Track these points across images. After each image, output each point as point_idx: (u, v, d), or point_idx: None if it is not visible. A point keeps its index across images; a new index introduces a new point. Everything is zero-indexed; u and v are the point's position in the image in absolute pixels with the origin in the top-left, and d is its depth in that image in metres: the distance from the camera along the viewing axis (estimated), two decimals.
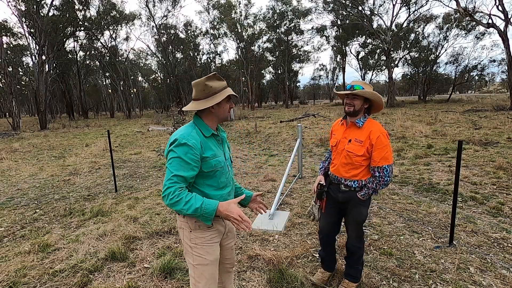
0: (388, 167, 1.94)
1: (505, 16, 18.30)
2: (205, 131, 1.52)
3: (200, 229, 1.52)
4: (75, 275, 2.62)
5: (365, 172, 2.03)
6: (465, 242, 2.96)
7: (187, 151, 1.40)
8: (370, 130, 1.96)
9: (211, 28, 42.68)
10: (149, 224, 3.66)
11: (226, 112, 1.57)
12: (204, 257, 1.52)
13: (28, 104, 69.36)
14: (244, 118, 23.12)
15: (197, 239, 1.52)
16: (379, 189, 2.00)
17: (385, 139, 1.94)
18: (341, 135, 2.11)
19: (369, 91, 1.94)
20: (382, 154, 1.93)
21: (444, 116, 15.07)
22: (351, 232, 2.20)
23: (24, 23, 23.49)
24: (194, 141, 1.44)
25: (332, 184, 2.19)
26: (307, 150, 8.58)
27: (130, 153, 9.30)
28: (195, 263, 1.52)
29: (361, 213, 2.09)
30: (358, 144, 1.98)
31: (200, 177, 1.50)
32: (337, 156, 2.11)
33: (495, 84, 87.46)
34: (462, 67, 37.84)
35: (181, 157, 1.39)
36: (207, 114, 1.56)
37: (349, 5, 30.31)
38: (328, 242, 2.34)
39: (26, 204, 4.73)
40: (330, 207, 2.23)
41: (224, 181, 1.58)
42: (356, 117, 2.03)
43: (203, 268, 1.52)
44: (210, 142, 1.54)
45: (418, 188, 4.71)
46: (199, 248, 1.52)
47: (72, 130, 19.85)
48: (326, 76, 66.81)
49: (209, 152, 1.50)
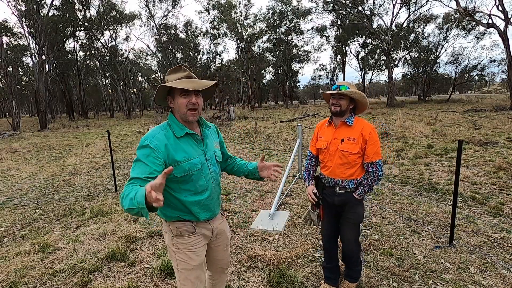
0: (380, 161, 1.99)
1: (505, 16, 18.30)
2: (177, 131, 1.38)
3: (182, 235, 1.44)
4: (75, 275, 2.62)
5: (360, 170, 2.05)
6: (465, 242, 2.95)
7: (148, 154, 1.27)
8: (362, 127, 2.00)
9: (211, 28, 42.71)
10: (149, 224, 3.66)
11: (182, 108, 1.35)
12: (188, 262, 1.45)
13: (28, 104, 69.36)
14: (244, 118, 23.12)
15: (180, 244, 1.45)
16: (374, 185, 2.03)
17: (376, 135, 2.00)
18: (331, 136, 2.09)
19: (357, 91, 1.97)
20: (374, 149, 1.97)
21: (444, 116, 15.07)
22: (350, 236, 2.16)
23: (24, 23, 23.50)
24: (158, 142, 1.31)
25: (326, 188, 2.17)
26: (307, 150, 8.57)
27: (130, 153, 9.31)
28: (179, 267, 1.46)
29: (359, 213, 2.10)
30: (352, 142, 1.99)
31: (174, 182, 1.37)
32: (331, 158, 2.08)
33: (495, 84, 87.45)
34: (462, 67, 37.86)
35: (141, 160, 1.26)
36: (173, 112, 1.42)
37: (349, 5, 30.31)
38: (332, 247, 2.29)
39: (26, 204, 4.73)
40: (328, 212, 2.22)
41: (203, 185, 1.43)
42: (344, 117, 2.05)
43: (187, 273, 1.45)
44: (183, 143, 1.39)
45: (418, 188, 4.71)
46: (181, 253, 1.45)
47: (72, 130, 19.85)
48: (326, 76, 66.77)
49: (181, 155, 1.35)
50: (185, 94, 1.35)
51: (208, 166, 1.47)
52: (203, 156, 1.45)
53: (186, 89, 1.31)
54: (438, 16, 34.70)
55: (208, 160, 1.47)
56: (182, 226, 1.44)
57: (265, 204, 4.31)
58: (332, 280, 2.31)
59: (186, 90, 1.33)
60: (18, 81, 43.52)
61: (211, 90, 1.49)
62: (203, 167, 1.43)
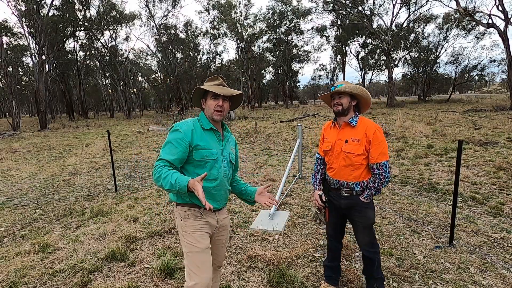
0: (386, 162, 1.91)
1: (505, 16, 18.30)
2: (205, 124, 1.65)
3: (189, 218, 1.61)
4: (75, 275, 2.62)
5: (366, 172, 1.99)
6: (465, 242, 2.95)
7: (176, 136, 1.55)
8: (365, 127, 1.93)
9: (211, 28, 42.70)
10: (149, 224, 3.66)
11: (211, 109, 1.63)
12: (195, 245, 1.57)
13: (28, 104, 69.37)
14: (244, 118, 23.12)
15: (187, 227, 1.60)
16: (381, 187, 1.95)
17: (381, 135, 1.92)
18: (335, 137, 2.05)
19: (353, 86, 1.93)
20: (380, 150, 1.90)
21: (444, 116, 15.06)
22: (363, 238, 2.09)
23: (24, 23, 23.50)
24: (186, 128, 1.58)
25: (332, 191, 2.12)
26: (307, 150, 8.58)
27: (130, 153, 9.31)
28: (186, 250, 1.59)
29: (368, 216, 2.02)
30: (355, 143, 1.93)
31: (191, 165, 1.60)
32: (335, 160, 2.04)
33: (495, 84, 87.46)
34: (462, 67, 37.86)
35: (171, 141, 1.54)
36: (204, 111, 1.71)
37: (349, 5, 30.32)
38: (336, 247, 2.27)
39: (26, 204, 4.73)
40: (334, 214, 2.17)
41: (214, 174, 1.63)
42: (347, 117, 2.00)
43: (194, 256, 1.56)
44: (207, 135, 1.64)
45: (418, 188, 4.71)
46: (189, 236, 1.59)
47: (72, 130, 19.85)
48: (326, 76, 66.77)
49: (203, 142, 1.60)
50: (215, 97, 1.63)
51: (222, 161, 1.68)
52: (220, 151, 1.68)
53: (216, 93, 1.60)
54: (438, 16, 34.76)
55: (223, 156, 1.70)
56: (190, 209, 1.62)
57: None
58: (332, 279, 2.30)
59: (216, 94, 1.62)
60: (18, 81, 43.54)
61: (239, 99, 1.78)
62: (218, 159, 1.65)
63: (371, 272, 2.12)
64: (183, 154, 1.54)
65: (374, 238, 2.10)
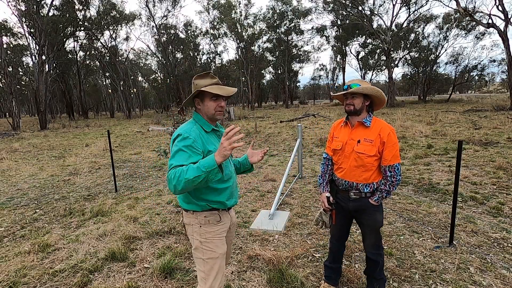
0: (398, 165, 1.87)
1: (505, 16, 18.30)
2: (206, 126, 1.60)
3: (210, 223, 1.58)
4: (75, 275, 2.62)
5: (377, 174, 1.94)
6: (465, 242, 2.95)
7: (189, 144, 1.45)
8: (380, 128, 1.88)
9: (211, 28, 42.69)
10: (149, 224, 3.66)
11: (211, 110, 1.57)
12: (215, 251, 1.57)
13: (28, 104, 69.35)
14: (244, 118, 23.12)
15: (208, 233, 1.58)
16: (392, 190, 1.91)
17: (395, 137, 1.88)
18: (347, 136, 1.98)
19: (367, 87, 1.87)
20: (393, 152, 1.85)
21: (444, 116, 15.07)
22: (369, 241, 2.07)
23: (24, 23, 23.50)
24: (195, 135, 1.50)
25: (340, 193, 2.06)
26: (307, 150, 8.58)
27: (130, 153, 9.30)
28: (205, 257, 1.56)
29: (377, 220, 1.98)
30: (368, 144, 1.87)
31: None
32: (345, 160, 1.98)
33: (495, 84, 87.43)
34: (462, 67, 37.85)
35: (183, 149, 1.44)
36: (199, 111, 1.63)
37: (349, 5, 30.31)
38: (339, 249, 2.26)
39: (26, 204, 4.73)
40: (340, 216, 2.14)
41: (228, 174, 1.63)
42: (360, 116, 1.94)
43: (214, 262, 1.56)
44: (211, 137, 1.61)
45: (418, 188, 4.71)
46: (209, 242, 1.57)
47: (72, 130, 19.85)
48: (326, 76, 66.80)
49: (212, 146, 1.56)
50: (215, 98, 1.56)
51: (229, 158, 1.68)
52: None
53: (219, 94, 1.53)
54: (438, 16, 34.72)
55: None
56: (210, 215, 1.59)
57: (265, 204, 4.31)
58: (332, 280, 2.30)
59: (218, 95, 1.54)
60: (18, 81, 43.51)
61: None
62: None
63: (373, 273, 2.11)
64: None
65: (380, 240, 2.08)
